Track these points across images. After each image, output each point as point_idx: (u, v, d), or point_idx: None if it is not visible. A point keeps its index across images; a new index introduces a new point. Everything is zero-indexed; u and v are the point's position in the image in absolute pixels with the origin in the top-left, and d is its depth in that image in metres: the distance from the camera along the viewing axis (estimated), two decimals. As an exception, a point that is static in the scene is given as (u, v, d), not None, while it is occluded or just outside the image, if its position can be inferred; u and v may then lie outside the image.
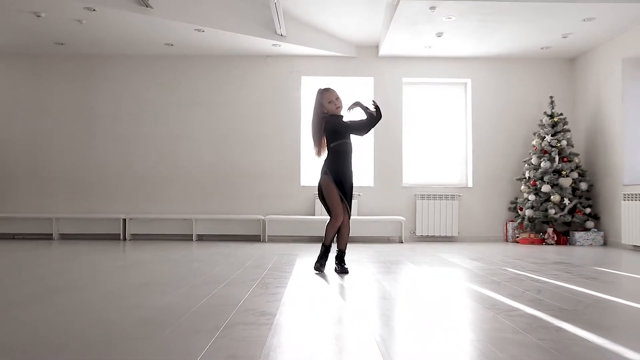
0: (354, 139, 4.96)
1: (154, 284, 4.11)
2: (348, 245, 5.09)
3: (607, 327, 2.73)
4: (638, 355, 2.21)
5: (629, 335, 2.63)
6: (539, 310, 3.12)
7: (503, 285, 4.13)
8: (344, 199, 4.85)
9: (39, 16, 7.37)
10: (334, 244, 4.99)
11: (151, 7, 7.28)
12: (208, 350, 2.25)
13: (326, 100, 4.91)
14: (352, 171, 4.93)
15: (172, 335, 2.52)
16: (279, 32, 8.25)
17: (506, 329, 2.65)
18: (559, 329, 2.66)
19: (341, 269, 4.85)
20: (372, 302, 3.46)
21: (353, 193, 5.12)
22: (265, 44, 8.60)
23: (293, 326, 2.73)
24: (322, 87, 5.03)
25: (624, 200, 7.53)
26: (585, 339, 2.46)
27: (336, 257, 4.98)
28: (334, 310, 3.19)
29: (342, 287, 4.08)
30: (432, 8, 6.93)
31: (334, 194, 4.84)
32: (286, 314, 3.01)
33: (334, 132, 4.87)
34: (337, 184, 4.82)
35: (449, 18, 7.31)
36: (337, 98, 4.92)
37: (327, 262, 5.01)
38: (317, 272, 4.88)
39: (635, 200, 7.26)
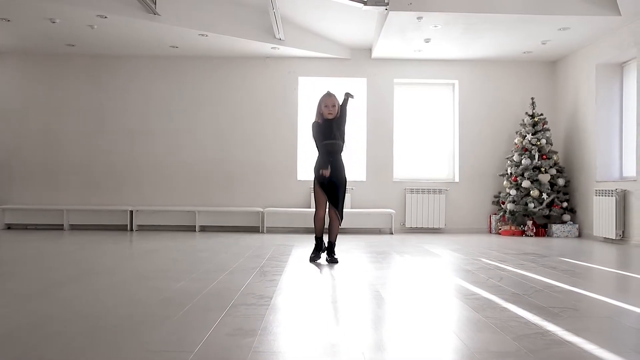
0: (347, 137, 5.57)
1: (167, 271, 4.71)
2: (342, 236, 5.70)
3: (544, 308, 3.33)
4: (556, 328, 2.81)
5: (561, 315, 3.23)
6: (494, 295, 3.72)
7: (471, 273, 4.73)
8: (325, 193, 5.45)
9: (54, 22, 7.91)
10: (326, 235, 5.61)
11: (158, 15, 7.83)
12: (218, 325, 2.84)
13: (323, 104, 5.49)
14: (335, 168, 5.42)
15: (189, 312, 3.13)
16: (277, 36, 8.80)
17: (463, 309, 3.25)
18: (504, 309, 3.27)
19: (331, 259, 5.46)
20: (359, 288, 4.06)
21: (346, 188, 5.64)
22: (265, 47, 9.15)
23: (287, 306, 3.33)
24: (327, 92, 5.54)
25: (596, 195, 8.14)
26: (522, 317, 3.07)
27: (327, 247, 5.58)
28: (322, 294, 3.79)
29: (331, 275, 4.68)
30: (419, 18, 7.49)
31: (315, 188, 5.50)
32: (282, 297, 3.61)
33: (313, 136, 5.51)
34: (318, 179, 5.44)
35: (435, 26, 7.87)
36: (334, 105, 5.44)
37: (320, 253, 5.62)
38: (311, 261, 5.49)
39: (606, 195, 7.86)
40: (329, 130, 5.44)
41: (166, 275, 4.46)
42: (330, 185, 5.44)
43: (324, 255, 5.67)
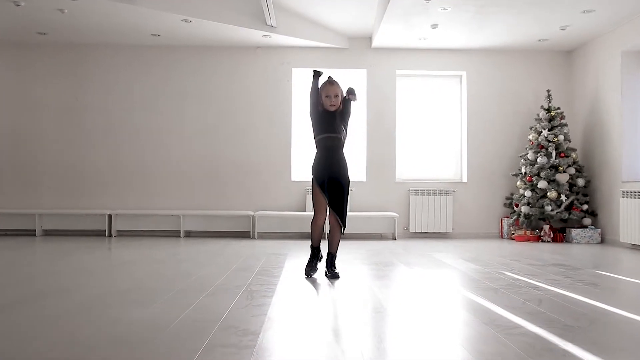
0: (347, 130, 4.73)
1: (135, 291, 3.89)
2: (340, 242, 4.85)
3: (615, 349, 2.53)
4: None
5: (637, 358, 2.44)
6: (541, 327, 2.92)
7: (501, 293, 3.93)
8: (326, 196, 4.63)
9: (18, 5, 7.07)
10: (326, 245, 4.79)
11: (135, -4, 7.02)
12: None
13: (324, 93, 4.66)
14: (334, 166, 4.61)
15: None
16: (269, 22, 7.99)
17: (508, 353, 2.45)
18: (566, 352, 2.46)
19: (331, 274, 4.64)
20: (363, 317, 3.25)
21: (348, 190, 4.77)
22: (255, 35, 8.34)
23: (277, 350, 2.52)
24: (329, 79, 4.71)
25: (623, 197, 7.35)
26: (595, 367, 2.27)
27: (326, 260, 4.77)
28: (321, 327, 2.98)
29: (331, 297, 3.87)
30: (428, -1, 6.69)
31: (314, 190, 4.68)
32: (271, 332, 2.80)
33: (312, 125, 4.71)
34: (316, 180, 4.63)
35: (444, 9, 7.07)
36: (337, 95, 4.61)
37: (317, 264, 4.81)
38: (307, 276, 4.68)
39: (635, 197, 7.08)
40: (331, 121, 4.63)
41: (130, 299, 3.64)
42: (332, 186, 4.61)
43: (321, 267, 4.86)
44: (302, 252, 6.29)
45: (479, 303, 3.58)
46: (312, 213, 4.78)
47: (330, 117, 4.63)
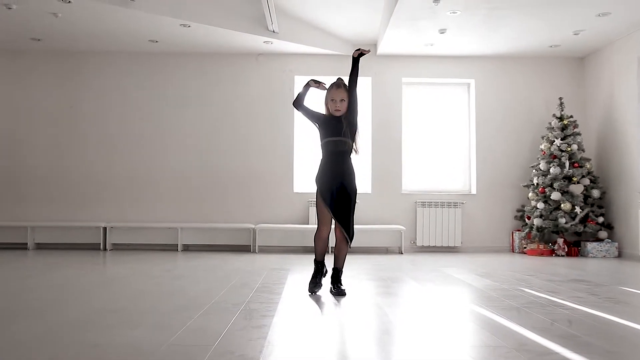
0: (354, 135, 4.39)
1: (124, 311, 3.54)
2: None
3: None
4: None
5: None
6: (579, 354, 2.56)
7: (524, 312, 3.57)
8: (331, 207, 4.28)
9: (9, 8, 6.79)
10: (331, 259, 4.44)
11: (132, 0, 6.72)
12: None
13: (329, 97, 4.34)
14: (339, 175, 4.28)
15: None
16: (270, 28, 7.71)
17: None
18: (614, 385, 2.11)
19: (337, 291, 4.29)
20: (373, 340, 2.90)
21: (355, 200, 4.42)
22: (257, 41, 8.05)
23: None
24: (336, 81, 4.38)
25: (642, 209, 7.01)
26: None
27: (331, 276, 4.43)
28: (327, 352, 2.62)
29: (337, 317, 3.52)
30: (436, 1, 6.40)
31: (318, 201, 4.34)
32: (272, 358, 2.45)
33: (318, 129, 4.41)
34: (320, 190, 4.30)
35: (453, 12, 6.77)
36: (342, 100, 4.29)
37: (322, 280, 4.46)
38: (311, 293, 4.32)
39: (654, 209, 6.73)
40: (336, 125, 4.31)
41: (115, 319, 3.29)
42: (338, 196, 4.27)
43: (326, 283, 4.51)
44: (305, 267, 5.96)
45: (502, 324, 3.22)
46: (316, 226, 4.44)
47: (335, 120, 4.31)
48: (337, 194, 4.25)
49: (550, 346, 2.70)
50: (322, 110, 4.43)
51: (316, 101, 4.53)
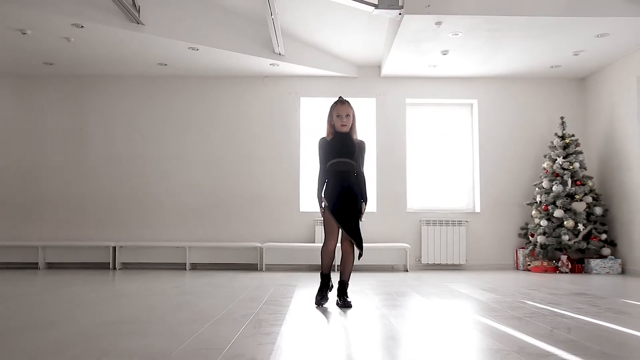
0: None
1: (133, 322, 3.65)
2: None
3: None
4: None
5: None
6: (577, 355, 2.65)
7: (525, 321, 3.66)
8: (339, 220, 4.41)
9: (24, 33, 7.00)
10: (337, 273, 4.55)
11: (142, 24, 6.93)
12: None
13: (335, 113, 4.48)
14: (347, 187, 4.41)
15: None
16: (277, 50, 7.90)
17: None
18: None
19: (343, 303, 4.40)
20: (379, 345, 3.00)
21: (360, 216, 4.53)
22: (263, 64, 8.24)
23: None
24: (339, 98, 4.53)
25: (644, 225, 7.08)
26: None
27: (338, 289, 4.53)
28: (334, 356, 2.72)
29: (343, 326, 3.62)
30: (438, 23, 6.56)
31: (325, 215, 4.46)
32: (280, 361, 2.56)
33: (319, 156, 4.57)
34: (328, 203, 4.42)
35: (455, 34, 6.94)
36: (348, 115, 4.43)
37: (328, 293, 4.56)
38: (318, 305, 4.42)
39: (656, 225, 6.81)
40: (342, 145, 4.43)
41: (126, 329, 3.40)
42: (346, 208, 4.39)
43: (332, 297, 4.61)
44: (312, 283, 6.05)
45: (504, 331, 3.32)
46: (322, 244, 4.55)
47: (343, 138, 4.44)
48: (345, 206, 4.38)
49: (549, 349, 2.79)
50: (323, 133, 4.57)
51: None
